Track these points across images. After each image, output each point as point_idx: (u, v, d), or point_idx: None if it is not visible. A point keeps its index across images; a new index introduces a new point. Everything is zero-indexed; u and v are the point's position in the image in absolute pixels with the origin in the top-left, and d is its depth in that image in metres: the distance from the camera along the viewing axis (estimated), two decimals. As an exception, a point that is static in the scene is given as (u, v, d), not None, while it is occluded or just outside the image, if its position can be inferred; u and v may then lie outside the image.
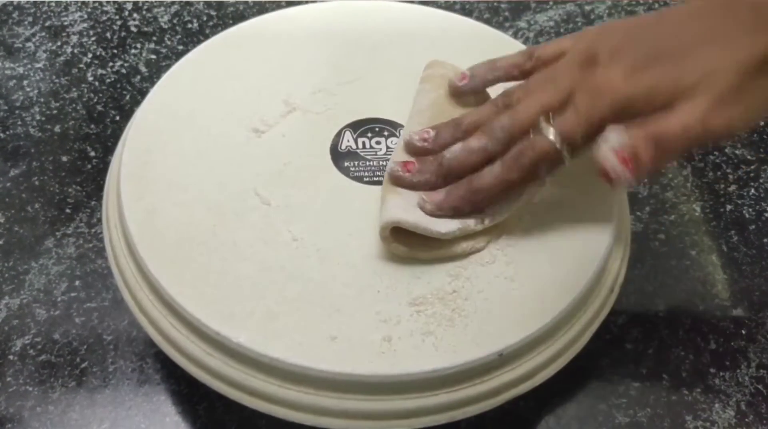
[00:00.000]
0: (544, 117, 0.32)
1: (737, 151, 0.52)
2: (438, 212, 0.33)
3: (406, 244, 0.33)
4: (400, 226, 0.32)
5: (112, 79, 0.55)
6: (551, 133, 0.32)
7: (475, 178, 0.33)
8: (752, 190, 0.50)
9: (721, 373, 0.41)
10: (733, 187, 0.50)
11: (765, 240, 0.47)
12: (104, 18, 0.59)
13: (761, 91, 0.31)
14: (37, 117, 0.52)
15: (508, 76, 0.36)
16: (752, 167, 0.51)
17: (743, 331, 0.43)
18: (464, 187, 0.33)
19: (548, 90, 0.33)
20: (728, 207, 0.49)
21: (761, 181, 0.50)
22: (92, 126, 0.52)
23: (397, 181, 0.34)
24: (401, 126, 0.39)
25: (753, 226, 0.48)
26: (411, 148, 0.35)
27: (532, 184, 0.33)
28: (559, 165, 0.32)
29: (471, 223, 0.33)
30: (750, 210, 0.49)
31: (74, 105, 0.53)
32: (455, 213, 0.33)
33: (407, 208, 0.33)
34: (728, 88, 0.30)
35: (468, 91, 0.37)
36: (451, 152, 0.34)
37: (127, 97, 0.54)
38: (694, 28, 0.32)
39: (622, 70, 0.31)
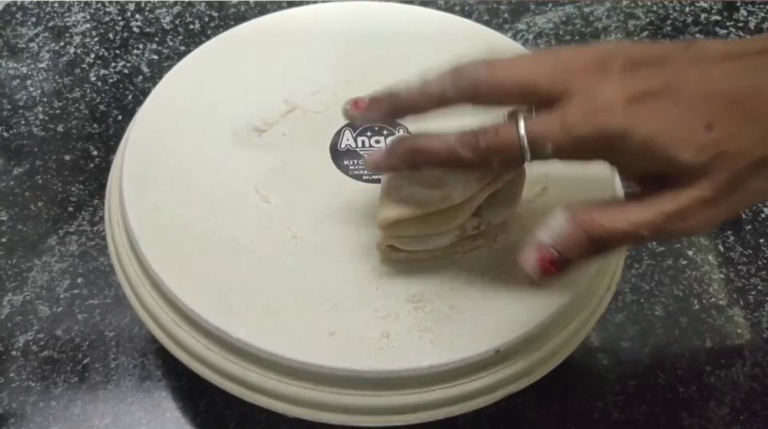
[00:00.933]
0: (525, 107, 0.28)
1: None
2: (377, 172, 0.30)
3: (403, 248, 0.33)
4: (399, 225, 0.32)
5: (115, 79, 0.55)
6: (522, 129, 0.27)
7: (422, 136, 0.29)
8: (749, 191, 0.50)
9: (717, 372, 0.41)
10: (745, 208, 0.50)
11: (761, 240, 0.47)
12: (107, 19, 0.60)
13: (753, 190, 0.26)
14: (41, 116, 0.53)
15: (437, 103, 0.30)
16: (749, 168, 0.51)
17: (739, 330, 0.43)
18: (406, 143, 0.30)
19: (546, 65, 0.28)
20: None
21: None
22: (95, 125, 0.52)
23: (349, 118, 0.31)
24: (400, 125, 0.39)
25: (749, 227, 0.48)
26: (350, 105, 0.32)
27: (484, 170, 0.30)
28: (516, 165, 0.29)
29: (468, 229, 0.34)
30: (746, 210, 0.49)
31: (77, 105, 0.54)
32: (393, 170, 0.31)
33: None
34: (731, 180, 0.25)
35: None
36: (406, 89, 0.30)
37: (130, 97, 0.54)
38: (724, 78, 0.26)
39: (631, 91, 0.26)
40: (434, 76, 0.29)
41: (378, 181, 0.36)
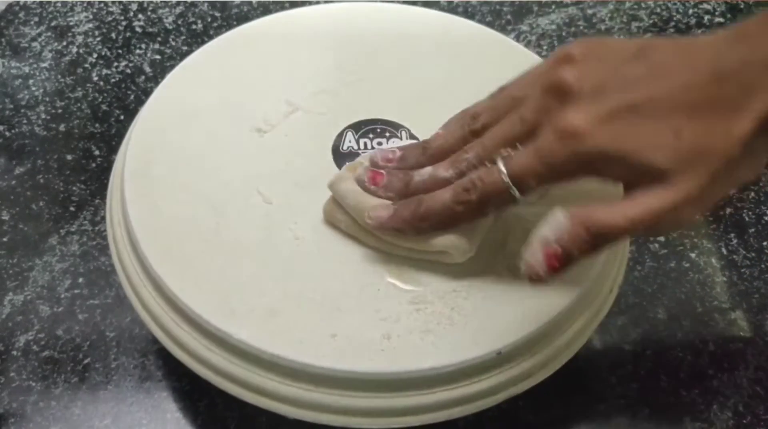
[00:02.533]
0: (504, 150, 0.30)
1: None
2: (379, 230, 0.32)
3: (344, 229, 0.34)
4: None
5: (117, 79, 0.55)
6: (504, 170, 0.29)
7: (424, 200, 0.31)
8: (752, 194, 0.50)
9: (720, 375, 0.41)
10: (732, 191, 0.50)
11: (764, 243, 0.47)
12: (109, 18, 0.60)
13: (730, 182, 0.28)
14: (43, 116, 0.53)
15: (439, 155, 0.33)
16: (752, 171, 0.51)
17: (741, 334, 0.43)
18: (411, 209, 0.32)
19: (513, 119, 0.30)
20: (728, 210, 0.49)
21: (761, 184, 0.50)
22: (97, 125, 0.52)
23: (363, 189, 0.33)
24: (402, 127, 0.39)
25: (753, 229, 0.48)
26: (373, 166, 0.34)
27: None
28: (510, 204, 0.30)
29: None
30: (750, 213, 0.49)
31: (79, 104, 0.54)
32: (398, 233, 0.32)
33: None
34: (707, 180, 0.27)
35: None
36: (420, 176, 0.32)
37: (132, 97, 0.54)
38: (687, 86, 0.27)
39: (595, 113, 0.27)
40: (444, 169, 0.32)
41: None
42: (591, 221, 0.27)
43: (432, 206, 0.31)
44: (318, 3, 0.48)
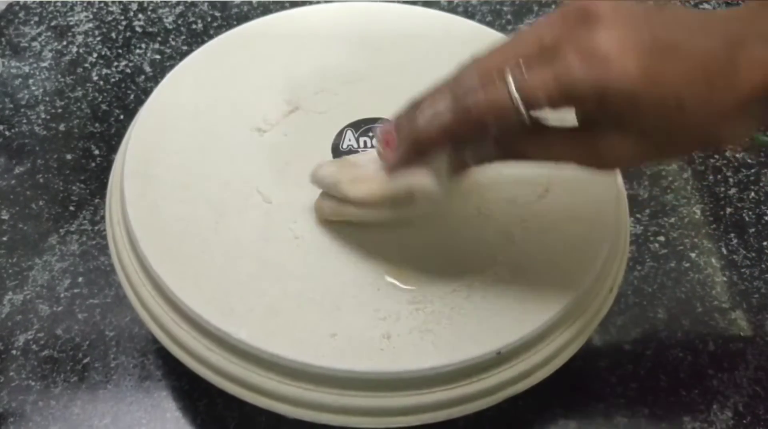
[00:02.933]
0: (513, 65, 0.26)
1: (738, 155, 0.52)
2: (392, 174, 0.31)
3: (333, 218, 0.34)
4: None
5: (117, 79, 0.55)
6: (512, 85, 0.26)
7: (421, 129, 0.29)
8: (752, 194, 0.50)
9: (720, 375, 0.41)
10: (733, 191, 0.50)
11: (765, 243, 0.47)
12: (109, 18, 0.60)
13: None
14: (42, 115, 0.53)
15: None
16: (752, 171, 0.51)
17: (741, 334, 0.43)
18: (408, 142, 0.30)
19: (527, 40, 0.27)
20: (728, 210, 0.49)
21: (761, 184, 0.50)
22: (96, 125, 0.52)
23: (381, 157, 0.32)
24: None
25: (753, 229, 0.48)
26: (379, 142, 0.32)
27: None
28: (514, 124, 0.27)
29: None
30: (750, 213, 0.49)
31: (79, 104, 0.54)
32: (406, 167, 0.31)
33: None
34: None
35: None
36: (423, 116, 0.29)
37: (132, 97, 0.54)
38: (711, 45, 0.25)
39: (636, 49, 0.24)
40: (442, 100, 0.29)
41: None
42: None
43: (428, 132, 0.29)
44: (318, 3, 0.48)
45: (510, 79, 0.26)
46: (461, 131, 0.28)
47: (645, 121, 0.26)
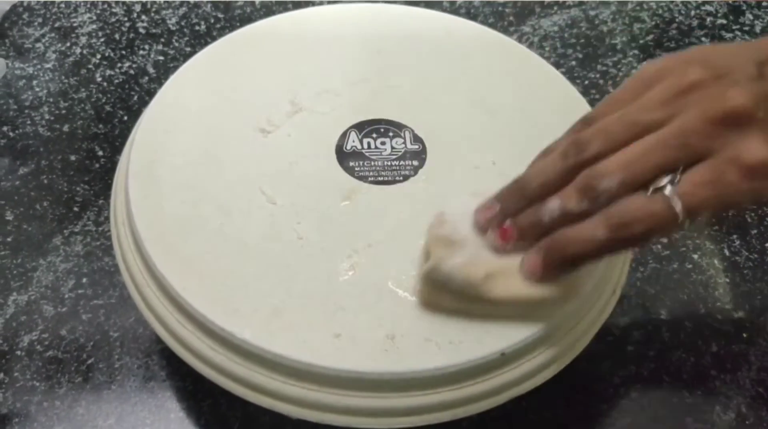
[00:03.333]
0: (668, 177, 0.26)
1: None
2: (531, 279, 0.29)
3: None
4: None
5: (121, 80, 0.55)
6: (675, 200, 0.25)
7: (570, 245, 0.28)
8: (755, 195, 0.50)
9: (722, 376, 0.41)
10: None
11: (767, 244, 0.47)
12: (113, 19, 0.60)
13: None
14: (46, 116, 0.53)
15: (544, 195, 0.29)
16: (755, 172, 0.51)
17: (744, 335, 0.43)
18: (558, 254, 0.29)
19: (670, 145, 0.26)
20: (730, 211, 0.49)
21: None
22: (100, 126, 0.52)
23: (496, 251, 0.30)
24: (406, 127, 0.39)
25: (755, 231, 0.48)
26: (479, 228, 0.31)
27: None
28: (673, 233, 0.29)
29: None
30: (752, 214, 0.49)
31: (83, 105, 0.54)
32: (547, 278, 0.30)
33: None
34: None
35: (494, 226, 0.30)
36: (549, 212, 0.28)
37: (135, 98, 0.54)
38: None
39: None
40: (575, 201, 0.28)
41: (383, 182, 0.37)
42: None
43: (580, 248, 0.28)
44: (321, 4, 0.48)
45: (669, 194, 0.26)
46: (618, 247, 0.27)
47: None
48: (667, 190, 0.26)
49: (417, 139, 0.39)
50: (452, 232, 0.31)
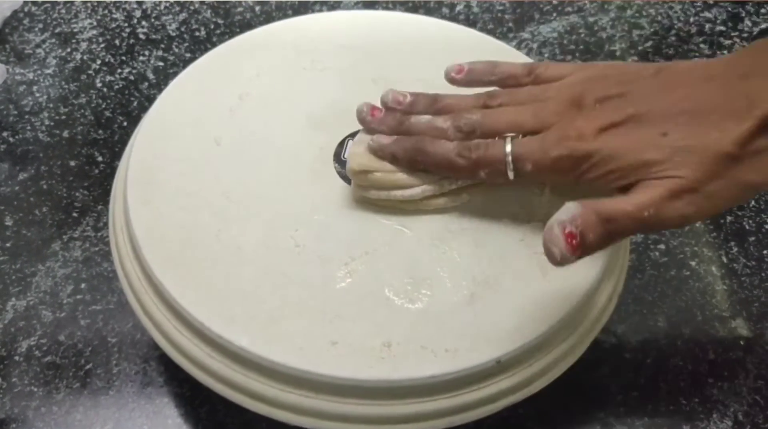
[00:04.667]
0: (513, 133, 0.33)
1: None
2: (378, 153, 0.35)
3: (370, 196, 0.35)
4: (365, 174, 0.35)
5: (120, 86, 0.56)
6: (509, 148, 0.32)
7: (429, 142, 0.34)
8: (752, 202, 0.50)
9: (719, 384, 0.41)
10: (748, 196, 0.50)
11: (765, 252, 0.47)
12: (113, 25, 0.60)
13: (732, 183, 0.29)
14: (46, 122, 0.53)
15: (503, 83, 0.36)
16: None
17: (742, 342, 0.43)
18: (413, 142, 0.34)
19: (528, 112, 0.33)
20: (728, 218, 0.49)
21: (762, 193, 0.50)
22: (100, 131, 0.53)
23: (360, 120, 0.37)
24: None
25: (753, 238, 0.48)
26: (383, 105, 0.37)
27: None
28: (500, 178, 0.33)
29: (430, 189, 0.35)
30: (750, 221, 0.49)
31: (83, 111, 0.54)
32: (392, 160, 0.35)
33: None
34: (699, 174, 0.29)
35: (461, 85, 0.38)
36: (416, 119, 0.35)
37: (135, 104, 0.54)
38: (690, 97, 0.30)
39: (599, 123, 0.31)
40: (443, 120, 0.35)
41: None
42: (600, 207, 0.29)
43: (435, 149, 0.34)
44: (321, 11, 0.48)
45: (508, 143, 0.33)
46: (457, 166, 0.34)
47: None
48: (507, 139, 0.33)
49: (415, 146, 0.39)
50: (363, 138, 0.37)
